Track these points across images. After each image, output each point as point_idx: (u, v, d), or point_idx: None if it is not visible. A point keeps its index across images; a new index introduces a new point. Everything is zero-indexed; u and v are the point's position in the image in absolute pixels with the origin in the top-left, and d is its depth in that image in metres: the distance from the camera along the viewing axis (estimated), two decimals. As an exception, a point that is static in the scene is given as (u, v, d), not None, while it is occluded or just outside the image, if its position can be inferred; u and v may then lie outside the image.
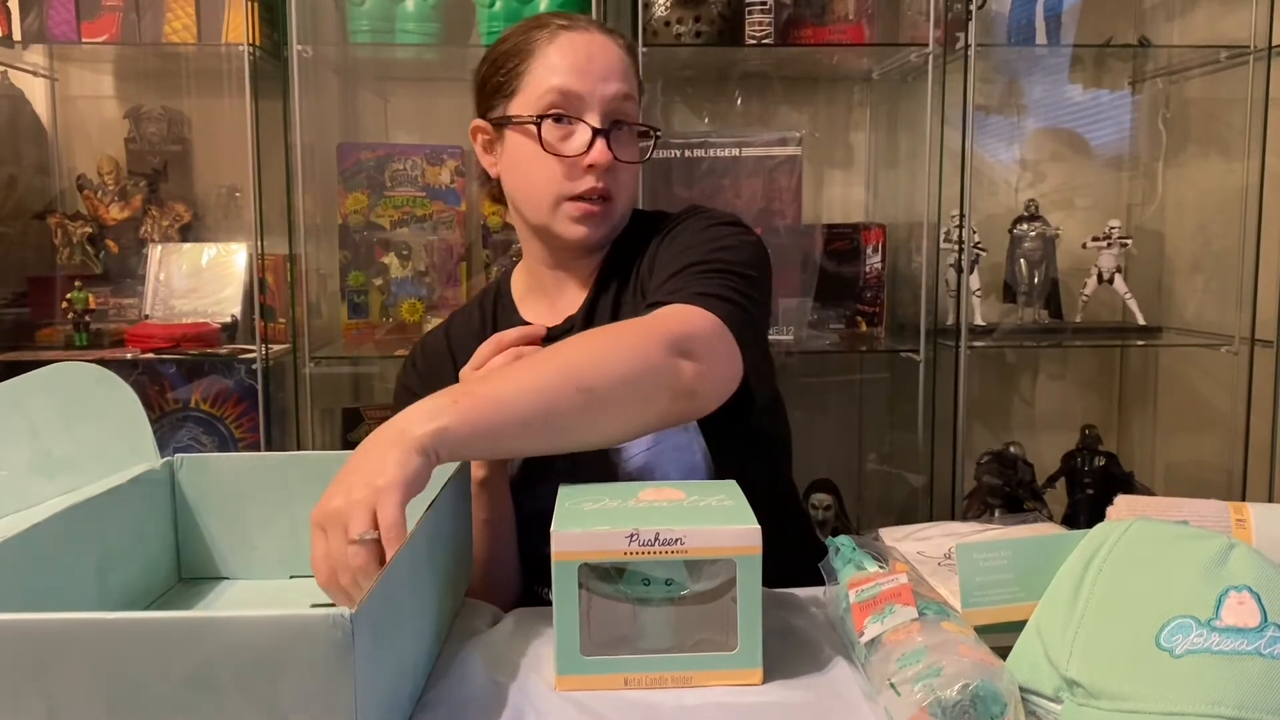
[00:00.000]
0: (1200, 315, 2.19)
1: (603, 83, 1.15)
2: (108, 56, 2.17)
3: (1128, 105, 2.35)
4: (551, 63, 1.16)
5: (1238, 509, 0.87)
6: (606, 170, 1.15)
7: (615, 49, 1.19)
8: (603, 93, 1.15)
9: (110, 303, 2.16)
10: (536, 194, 1.18)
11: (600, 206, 1.16)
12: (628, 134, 1.18)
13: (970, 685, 0.65)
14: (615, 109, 1.16)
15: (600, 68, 1.16)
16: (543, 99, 1.15)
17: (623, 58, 1.19)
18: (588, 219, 1.16)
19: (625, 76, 1.18)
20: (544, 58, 1.16)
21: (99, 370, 0.99)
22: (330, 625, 0.57)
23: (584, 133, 1.14)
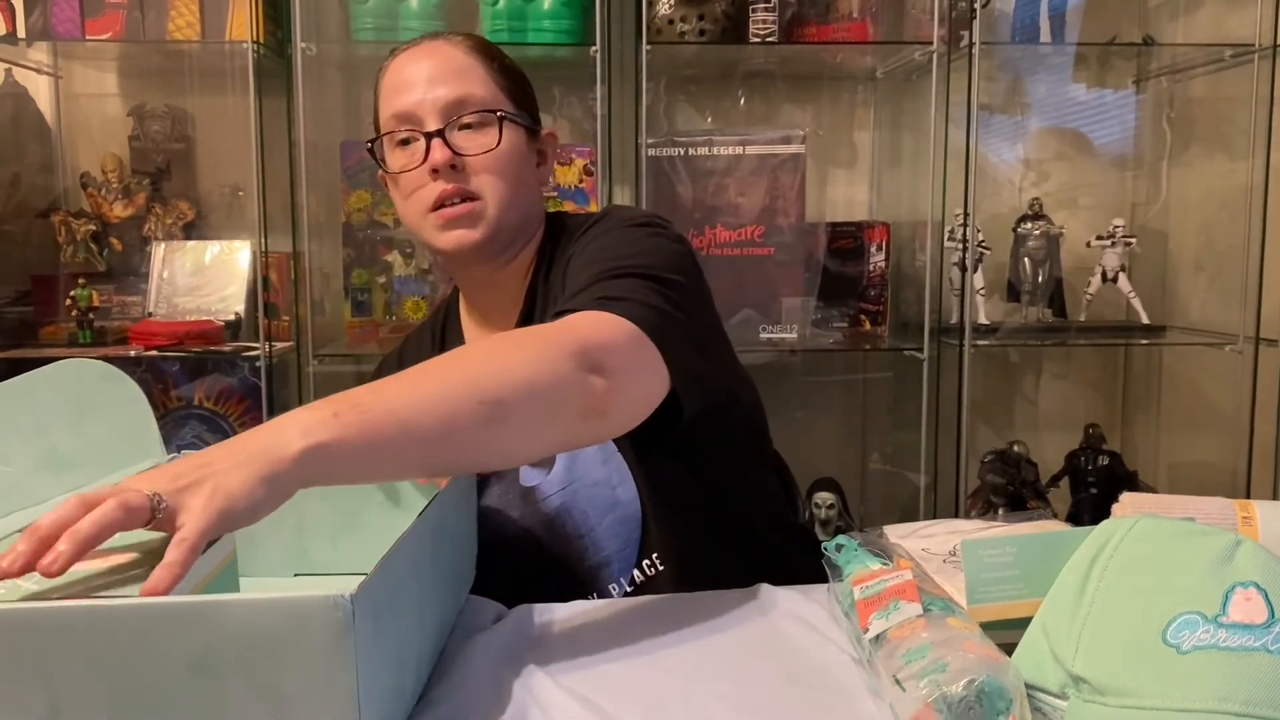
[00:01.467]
0: (1204, 314, 2.19)
1: (430, 89, 1.10)
2: (112, 54, 2.18)
3: (1132, 104, 2.34)
4: (389, 88, 1.14)
5: (1244, 506, 0.86)
6: (456, 170, 1.10)
7: (450, 51, 1.13)
8: (434, 98, 1.10)
9: (114, 300, 2.16)
10: (408, 219, 1.15)
11: (464, 206, 1.11)
12: (479, 129, 1.12)
13: (976, 681, 0.64)
14: (453, 110, 1.11)
15: (427, 76, 1.11)
16: (386, 127, 1.14)
17: (457, 56, 1.13)
18: (455, 222, 1.11)
19: (460, 75, 1.12)
20: (385, 86, 1.15)
21: (105, 367, 0.99)
22: (330, 606, 0.57)
23: (420, 143, 1.10)
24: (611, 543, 1.10)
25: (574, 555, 1.10)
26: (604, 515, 1.09)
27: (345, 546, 1.01)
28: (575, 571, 1.10)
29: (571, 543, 1.10)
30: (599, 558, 1.10)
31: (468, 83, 1.12)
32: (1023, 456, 2.16)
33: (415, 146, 1.11)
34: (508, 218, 1.14)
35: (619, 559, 1.10)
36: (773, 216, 2.09)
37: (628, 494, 1.09)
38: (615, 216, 1.14)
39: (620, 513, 1.09)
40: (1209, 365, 2.19)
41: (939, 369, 2.10)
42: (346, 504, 1.00)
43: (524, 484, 1.12)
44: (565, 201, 2.12)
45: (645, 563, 1.10)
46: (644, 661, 0.83)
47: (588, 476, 1.09)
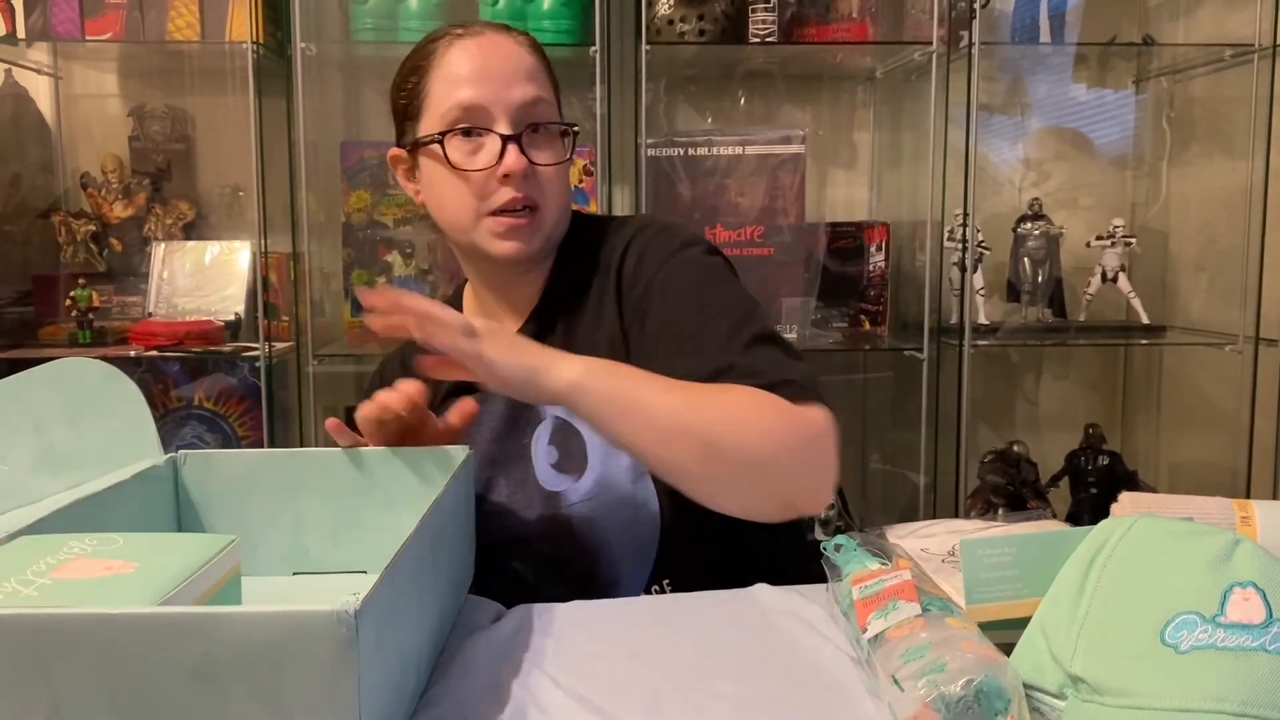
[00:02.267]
0: (1204, 314, 2.19)
1: (506, 88, 1.07)
2: (111, 54, 2.18)
3: (1132, 104, 2.34)
4: (451, 75, 1.08)
5: (1242, 506, 0.86)
6: (525, 178, 1.07)
7: (518, 50, 1.11)
8: (509, 98, 1.07)
9: (114, 301, 2.16)
10: (457, 216, 1.11)
11: (527, 218, 1.09)
12: (545, 136, 1.10)
13: (974, 681, 0.64)
14: (526, 114, 1.08)
15: (500, 72, 1.08)
16: (446, 115, 1.08)
17: (526, 58, 1.11)
18: (515, 233, 1.09)
19: (533, 78, 1.10)
20: (442, 70, 1.09)
21: (103, 366, 0.99)
22: (334, 622, 0.57)
23: (494, 143, 1.06)
24: (626, 561, 1.09)
25: (588, 567, 1.09)
26: (623, 532, 1.08)
27: (344, 545, 1.01)
28: (587, 584, 1.09)
29: (587, 554, 1.09)
30: (612, 574, 1.09)
31: (538, 87, 1.10)
32: (1023, 456, 2.16)
33: (482, 143, 1.08)
34: (559, 228, 1.14)
35: (630, 578, 1.10)
36: (772, 216, 2.09)
37: (649, 515, 1.08)
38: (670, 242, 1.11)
39: (639, 532, 1.08)
40: (1209, 365, 2.19)
41: (939, 369, 2.10)
42: (345, 503, 1.00)
43: (547, 487, 1.10)
44: (565, 201, 2.12)
45: (655, 587, 1.10)
46: (643, 661, 0.83)
47: (615, 491, 1.08)
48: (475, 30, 1.11)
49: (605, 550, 1.09)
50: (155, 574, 0.66)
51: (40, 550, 0.69)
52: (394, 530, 0.94)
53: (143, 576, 0.66)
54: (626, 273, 1.11)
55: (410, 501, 0.98)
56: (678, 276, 1.08)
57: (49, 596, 0.63)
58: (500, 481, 1.13)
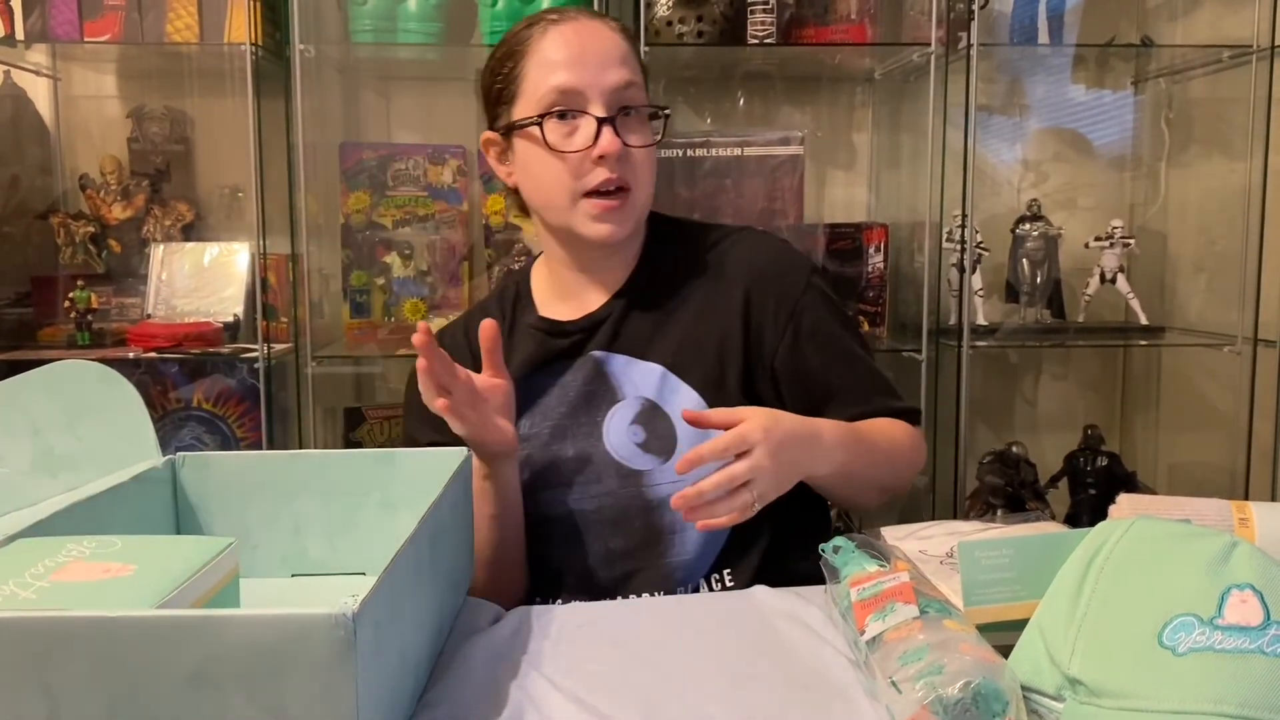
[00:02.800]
0: (1203, 315, 2.19)
1: (602, 72, 1.11)
2: (110, 56, 2.17)
3: (1130, 105, 2.34)
4: (547, 60, 1.12)
5: (1240, 508, 0.87)
6: (619, 160, 1.11)
7: (611, 35, 1.14)
8: (603, 83, 1.11)
9: (112, 302, 2.16)
10: (552, 196, 1.14)
11: (619, 200, 1.13)
12: (636, 119, 1.14)
13: (972, 683, 0.64)
14: (619, 97, 1.12)
15: (596, 56, 1.11)
16: (544, 99, 1.11)
17: (619, 43, 1.15)
18: (609, 216, 1.13)
19: (625, 61, 1.13)
20: (538, 56, 1.13)
21: (101, 368, 0.99)
22: (332, 624, 0.57)
23: (589, 125, 1.10)
24: (696, 547, 1.12)
25: (659, 548, 1.12)
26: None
27: (342, 547, 1.01)
28: (655, 564, 1.12)
29: (661, 535, 1.12)
30: (679, 559, 1.12)
31: (630, 71, 1.14)
32: (1021, 457, 2.16)
33: (577, 125, 1.11)
34: (644, 214, 1.19)
35: (694, 566, 1.13)
36: (771, 218, 2.09)
37: None
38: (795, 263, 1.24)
39: None
40: (1207, 366, 2.19)
41: (937, 370, 2.10)
42: (343, 505, 1.00)
43: (629, 465, 1.14)
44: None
45: (714, 576, 1.13)
46: (641, 663, 0.83)
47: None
48: (570, 16, 1.15)
49: (678, 534, 1.12)
50: (154, 576, 0.66)
51: (39, 553, 0.69)
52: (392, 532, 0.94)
53: (141, 579, 0.66)
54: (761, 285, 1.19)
55: (409, 503, 0.98)
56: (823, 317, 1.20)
57: (47, 599, 0.63)
58: (569, 453, 1.15)
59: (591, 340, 1.19)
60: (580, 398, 1.17)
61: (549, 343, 1.20)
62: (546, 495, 1.15)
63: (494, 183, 2.13)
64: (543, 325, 1.21)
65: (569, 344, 1.19)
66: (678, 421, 1.13)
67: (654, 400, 1.15)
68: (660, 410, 1.15)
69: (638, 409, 1.15)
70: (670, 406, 1.14)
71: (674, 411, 1.14)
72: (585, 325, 1.19)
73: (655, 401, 1.15)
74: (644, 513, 1.13)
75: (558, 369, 1.18)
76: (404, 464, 1.00)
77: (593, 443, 1.15)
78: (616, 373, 1.17)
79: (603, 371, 1.17)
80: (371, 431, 2.14)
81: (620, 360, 1.17)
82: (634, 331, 1.18)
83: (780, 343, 1.17)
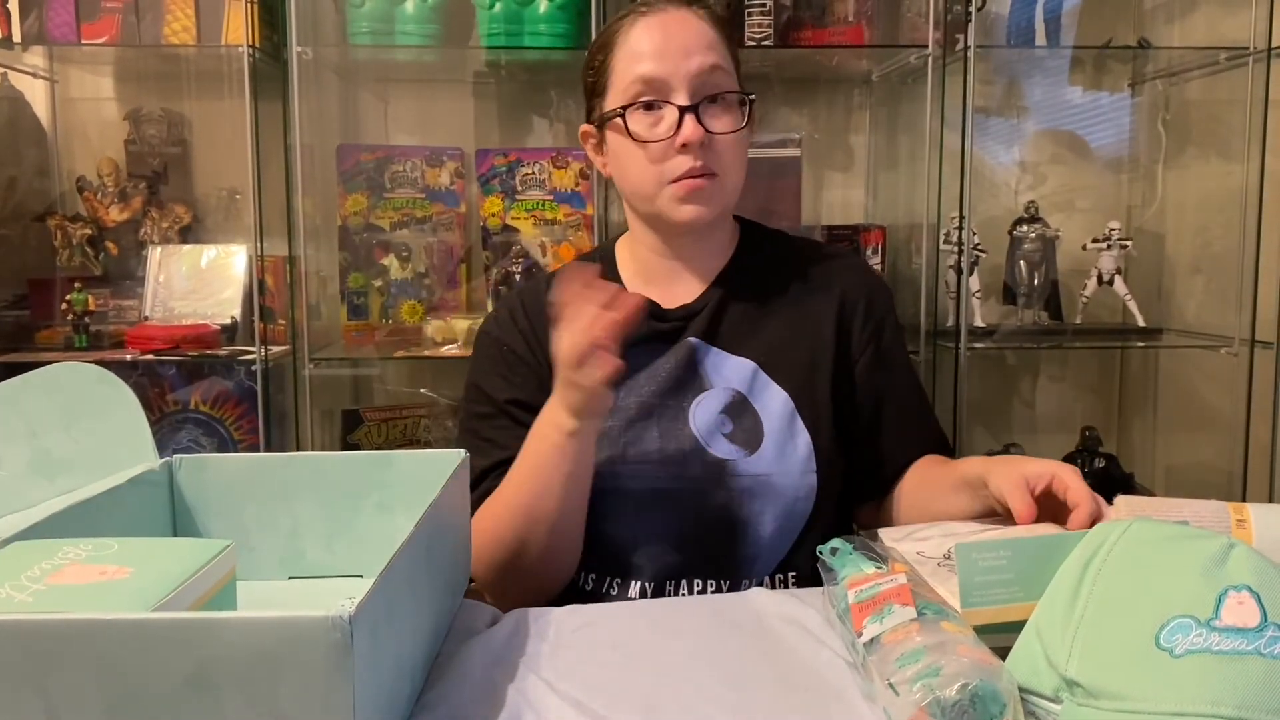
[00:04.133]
0: (1200, 317, 2.19)
1: (684, 59, 1.12)
2: (107, 58, 2.17)
3: (1127, 107, 2.35)
4: (632, 51, 1.14)
5: (1238, 509, 0.87)
6: (703, 146, 1.12)
7: (696, 21, 1.15)
8: (686, 70, 1.12)
9: (110, 304, 2.16)
10: (639, 185, 1.16)
11: (705, 181, 1.13)
12: (722, 105, 1.15)
13: (969, 685, 0.64)
14: (704, 83, 1.13)
15: (679, 45, 1.13)
16: (629, 90, 1.14)
17: (705, 29, 1.16)
18: (695, 195, 1.14)
19: (710, 47, 1.14)
20: (625, 48, 1.15)
21: (98, 370, 0.99)
22: (329, 627, 0.57)
23: (672, 114, 1.12)
24: (768, 544, 1.14)
25: (732, 538, 1.14)
26: (777, 517, 1.13)
27: (340, 549, 1.01)
28: (727, 552, 1.14)
29: (736, 526, 1.14)
30: (752, 550, 1.14)
31: (716, 56, 1.14)
32: (1019, 459, 2.16)
33: (662, 114, 1.13)
34: (734, 198, 1.20)
35: (760, 562, 1.14)
36: (769, 219, 2.06)
37: (803, 509, 1.14)
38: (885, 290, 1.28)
39: (789, 523, 1.14)
40: (1205, 368, 2.19)
41: (935, 371, 2.10)
42: (340, 507, 1.00)
43: (714, 453, 1.15)
44: (561, 205, 2.13)
45: (779, 575, 1.14)
46: (639, 665, 0.83)
47: (786, 477, 1.14)
48: (658, 7, 1.17)
49: (755, 527, 1.14)
50: (150, 579, 0.66)
51: (35, 555, 0.69)
52: (389, 534, 0.93)
53: (138, 582, 0.66)
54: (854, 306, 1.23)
55: (406, 505, 0.98)
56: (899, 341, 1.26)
57: (44, 602, 0.63)
58: (654, 433, 1.16)
59: (688, 328, 1.20)
60: (670, 381, 1.18)
61: (650, 324, 1.20)
62: (626, 469, 1.15)
63: (491, 185, 2.14)
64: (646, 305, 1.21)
65: (669, 328, 1.20)
66: (765, 416, 1.16)
67: (744, 393, 1.17)
68: (749, 404, 1.17)
69: (727, 400, 1.17)
70: (759, 402, 1.17)
71: (762, 407, 1.16)
72: (683, 314, 1.21)
73: (745, 395, 1.17)
74: (723, 501, 1.14)
75: (654, 350, 1.20)
76: (401, 466, 1.00)
77: (679, 426, 1.16)
78: (708, 363, 1.19)
79: (695, 360, 1.19)
80: (369, 434, 2.14)
81: (714, 352, 1.19)
82: (730, 325, 1.21)
83: (863, 356, 1.22)
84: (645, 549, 1.14)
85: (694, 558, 1.13)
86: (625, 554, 1.15)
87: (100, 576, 0.66)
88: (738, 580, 1.13)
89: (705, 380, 1.18)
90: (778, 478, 1.13)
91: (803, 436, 1.16)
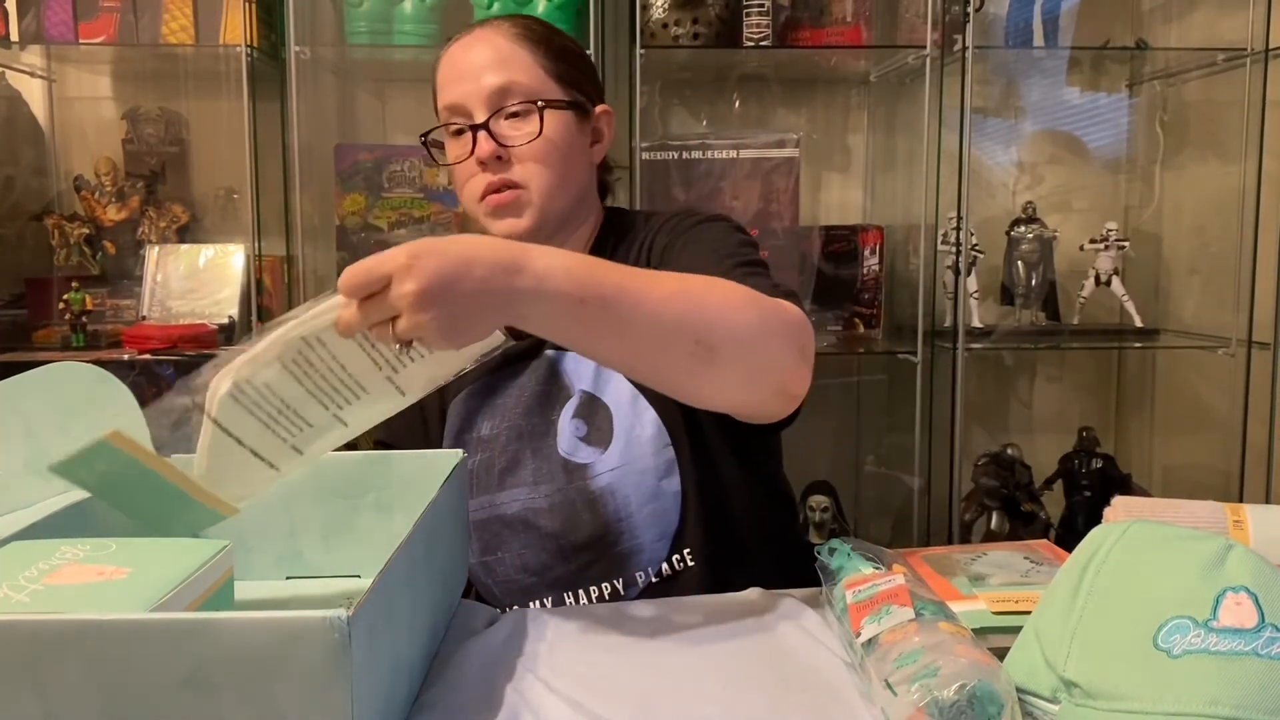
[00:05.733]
0: (1198, 317, 2.19)
1: (476, 81, 1.14)
2: (105, 57, 2.17)
3: (1125, 108, 2.35)
4: (441, 81, 1.18)
5: (1235, 510, 0.87)
6: (501, 160, 1.14)
7: (495, 38, 1.16)
8: (478, 90, 1.14)
9: (107, 304, 2.15)
10: (467, 205, 1.20)
11: (509, 194, 1.14)
12: (524, 117, 1.14)
13: (967, 685, 0.64)
14: (499, 100, 1.14)
15: (474, 67, 1.14)
16: (442, 117, 1.18)
17: (503, 45, 1.16)
18: (502, 210, 1.15)
19: (503, 63, 1.14)
20: (438, 77, 1.19)
21: (96, 370, 0.99)
22: (327, 627, 0.57)
23: (469, 134, 1.14)
24: (648, 531, 1.13)
25: (610, 537, 1.12)
26: (646, 503, 1.12)
27: (337, 549, 1.01)
28: (609, 553, 1.12)
29: (610, 524, 1.12)
30: (633, 544, 1.13)
31: (512, 70, 1.14)
32: (1017, 459, 2.16)
33: (466, 137, 1.15)
34: (555, 203, 1.17)
35: (651, 549, 1.13)
36: (767, 220, 2.10)
37: (671, 486, 1.12)
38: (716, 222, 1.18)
39: (661, 504, 1.12)
40: (1202, 368, 2.20)
41: (933, 372, 2.11)
42: (338, 507, 1.00)
43: (573, 459, 1.14)
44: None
45: (675, 557, 1.13)
46: (636, 665, 0.83)
47: (639, 462, 1.12)
48: (467, 31, 1.19)
49: (627, 520, 1.13)
50: (148, 579, 0.66)
51: (32, 555, 0.69)
52: (387, 534, 0.94)
53: (135, 582, 0.66)
54: (658, 244, 1.17)
55: (403, 505, 0.98)
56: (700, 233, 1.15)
57: (41, 602, 0.62)
58: (527, 456, 1.16)
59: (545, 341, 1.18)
60: (536, 399, 1.17)
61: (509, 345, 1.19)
62: (502, 497, 1.15)
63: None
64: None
65: (526, 345, 1.19)
66: (612, 407, 1.14)
67: (591, 391, 1.16)
68: (598, 400, 1.15)
69: (579, 402, 1.16)
70: (606, 395, 1.15)
71: (609, 399, 1.14)
72: None
73: (592, 392, 1.15)
74: (590, 505, 1.13)
75: (516, 370, 1.19)
76: (399, 466, 1.00)
77: (548, 443, 1.15)
78: (568, 370, 1.17)
79: (557, 370, 1.18)
80: (367, 434, 2.14)
81: (570, 357, 1.17)
82: None
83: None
84: (533, 569, 1.14)
85: (580, 566, 1.12)
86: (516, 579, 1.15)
87: (98, 577, 0.66)
88: (632, 575, 1.12)
89: (570, 388, 1.17)
90: (631, 465, 1.12)
91: (648, 414, 1.13)
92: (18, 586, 0.64)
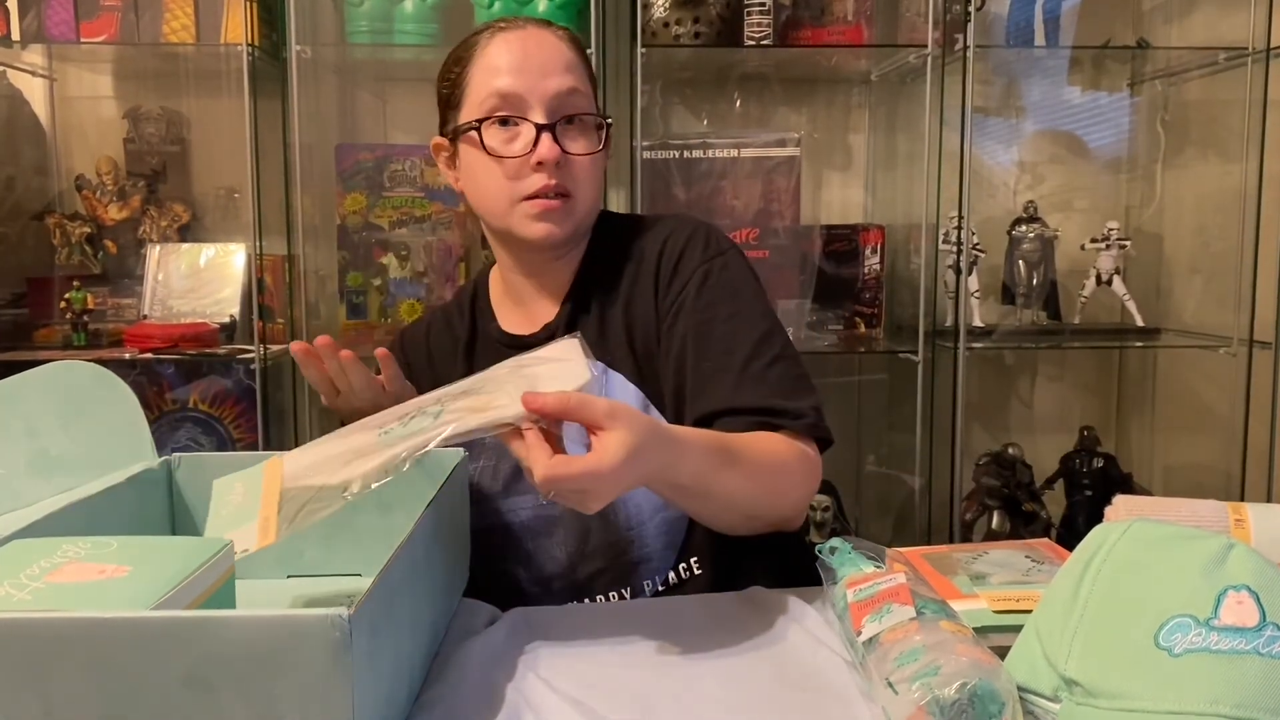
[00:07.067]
0: (1199, 317, 2.19)
1: (543, 79, 1.11)
2: (106, 56, 2.17)
3: (1126, 107, 2.35)
4: (490, 65, 1.12)
5: (1236, 509, 0.87)
6: (558, 166, 1.11)
7: (556, 42, 1.14)
8: (544, 89, 1.11)
9: (109, 303, 2.16)
10: (492, 200, 1.14)
11: (559, 202, 1.12)
12: (579, 127, 1.13)
13: (968, 684, 0.64)
14: (562, 104, 1.12)
15: (539, 63, 1.11)
16: (485, 103, 1.12)
17: (564, 51, 1.14)
18: (547, 215, 1.12)
19: (569, 69, 1.13)
20: (482, 61, 1.13)
21: (97, 369, 0.99)
22: (328, 625, 0.57)
23: (529, 131, 1.10)
24: (657, 541, 1.12)
25: (620, 546, 1.12)
26: (655, 513, 1.11)
27: (338, 548, 1.01)
28: (618, 562, 1.12)
29: (620, 533, 1.12)
30: (642, 553, 1.12)
31: (576, 78, 1.13)
32: (1018, 459, 2.16)
33: (518, 131, 1.11)
34: (590, 218, 1.18)
35: (660, 558, 1.13)
36: (768, 219, 2.10)
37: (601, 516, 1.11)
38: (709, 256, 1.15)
39: (670, 513, 1.12)
40: (1203, 368, 2.19)
41: (934, 371, 2.10)
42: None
43: None
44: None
45: (682, 565, 1.13)
46: (637, 664, 0.83)
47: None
48: (518, 24, 1.16)
49: (637, 530, 1.12)
50: (149, 578, 0.66)
51: (34, 554, 0.69)
52: (388, 533, 0.94)
53: (136, 580, 0.66)
54: (665, 265, 1.15)
55: (404, 505, 0.98)
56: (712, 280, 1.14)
57: (42, 600, 0.62)
58: None
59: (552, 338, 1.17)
60: None
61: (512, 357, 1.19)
62: (509, 503, 1.14)
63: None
64: (505, 339, 1.21)
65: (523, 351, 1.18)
66: None
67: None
68: None
69: None
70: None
71: None
72: (544, 336, 1.18)
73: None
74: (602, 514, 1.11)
75: None
76: (400, 465, 1.00)
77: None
78: None
79: None
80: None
81: None
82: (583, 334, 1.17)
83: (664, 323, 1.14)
84: (541, 578, 1.13)
85: (589, 576, 1.12)
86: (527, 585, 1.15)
87: (99, 575, 0.66)
88: (640, 584, 1.12)
89: None
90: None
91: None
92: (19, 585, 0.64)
